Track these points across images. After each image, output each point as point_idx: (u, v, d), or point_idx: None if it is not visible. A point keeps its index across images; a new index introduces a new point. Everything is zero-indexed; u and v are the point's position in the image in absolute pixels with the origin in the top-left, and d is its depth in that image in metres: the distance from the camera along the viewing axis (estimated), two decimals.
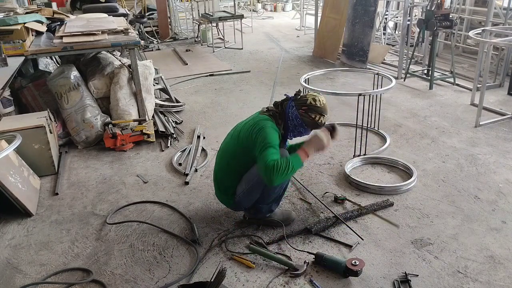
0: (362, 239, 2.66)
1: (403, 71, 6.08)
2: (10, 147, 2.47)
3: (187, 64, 7.32)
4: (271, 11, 13.49)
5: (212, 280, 2.05)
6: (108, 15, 5.61)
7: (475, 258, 2.50)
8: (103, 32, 4.20)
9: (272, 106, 2.74)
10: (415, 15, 7.23)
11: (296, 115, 2.58)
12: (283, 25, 11.03)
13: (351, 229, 2.75)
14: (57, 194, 3.34)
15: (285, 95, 2.76)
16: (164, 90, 5.35)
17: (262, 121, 2.55)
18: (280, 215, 2.84)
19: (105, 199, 3.26)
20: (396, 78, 5.95)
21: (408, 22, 6.12)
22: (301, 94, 2.66)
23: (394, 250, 2.58)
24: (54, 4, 6.96)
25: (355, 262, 2.33)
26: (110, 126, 4.09)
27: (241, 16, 8.65)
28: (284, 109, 2.64)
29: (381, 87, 3.96)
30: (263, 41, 9.06)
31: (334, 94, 3.94)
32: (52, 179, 3.57)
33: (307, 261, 2.47)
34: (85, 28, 4.29)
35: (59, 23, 4.92)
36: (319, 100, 2.58)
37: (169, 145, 4.14)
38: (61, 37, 4.03)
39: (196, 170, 3.63)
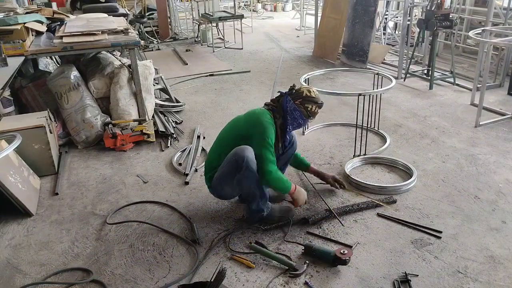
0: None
1: (403, 71, 6.08)
2: (10, 147, 2.46)
3: (187, 64, 7.32)
4: (271, 11, 13.49)
5: (212, 280, 2.05)
6: (108, 15, 5.60)
7: (475, 258, 2.50)
8: (103, 32, 4.20)
9: (270, 102, 2.85)
10: (415, 15, 7.24)
11: (294, 107, 2.74)
12: (283, 25, 11.04)
13: (340, 222, 2.75)
14: (57, 194, 3.34)
15: (279, 92, 2.87)
16: (164, 90, 5.35)
17: (260, 113, 2.71)
18: (278, 211, 2.87)
19: (105, 199, 3.26)
20: (396, 78, 5.95)
21: (408, 22, 6.12)
22: (295, 88, 2.81)
23: (394, 250, 2.58)
24: (54, 4, 6.95)
25: (343, 251, 2.42)
26: (110, 126, 4.09)
27: (241, 16, 8.65)
28: (281, 104, 2.76)
29: (381, 87, 3.96)
30: (263, 41, 9.06)
31: (334, 94, 3.94)
32: (52, 179, 3.57)
33: (307, 261, 2.48)
34: (85, 28, 4.28)
35: (59, 23, 4.92)
36: (313, 91, 2.79)
37: (169, 145, 4.14)
38: (61, 37, 4.03)
39: (196, 170, 3.63)
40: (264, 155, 2.59)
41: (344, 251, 2.42)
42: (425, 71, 6.05)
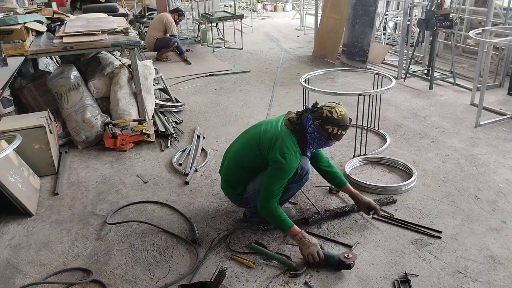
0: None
1: (403, 71, 6.08)
2: (10, 147, 2.47)
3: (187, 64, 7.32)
4: (271, 11, 13.49)
5: (212, 280, 2.05)
6: (108, 15, 5.61)
7: (475, 258, 2.50)
8: (103, 32, 4.20)
9: (294, 115, 2.67)
10: (415, 15, 7.23)
11: (314, 128, 2.53)
12: (283, 25, 11.04)
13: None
14: (57, 194, 3.34)
15: (304, 105, 2.72)
16: (164, 90, 5.35)
17: (286, 143, 2.52)
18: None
19: (105, 199, 3.26)
20: (396, 78, 5.95)
21: (408, 22, 6.12)
22: (318, 105, 2.58)
23: (394, 250, 2.58)
24: (54, 4, 6.96)
25: (347, 255, 2.38)
26: (110, 126, 4.08)
27: (241, 16, 8.65)
28: (303, 121, 2.59)
29: (381, 87, 3.95)
30: (263, 41, 9.06)
31: (334, 94, 3.93)
32: (52, 179, 3.57)
33: None
34: (85, 28, 4.29)
35: (59, 23, 4.92)
36: (336, 112, 2.49)
37: (169, 145, 4.14)
38: (61, 37, 4.03)
39: (196, 170, 3.63)
40: (272, 189, 2.51)
41: (348, 255, 2.37)
42: (425, 71, 6.05)
